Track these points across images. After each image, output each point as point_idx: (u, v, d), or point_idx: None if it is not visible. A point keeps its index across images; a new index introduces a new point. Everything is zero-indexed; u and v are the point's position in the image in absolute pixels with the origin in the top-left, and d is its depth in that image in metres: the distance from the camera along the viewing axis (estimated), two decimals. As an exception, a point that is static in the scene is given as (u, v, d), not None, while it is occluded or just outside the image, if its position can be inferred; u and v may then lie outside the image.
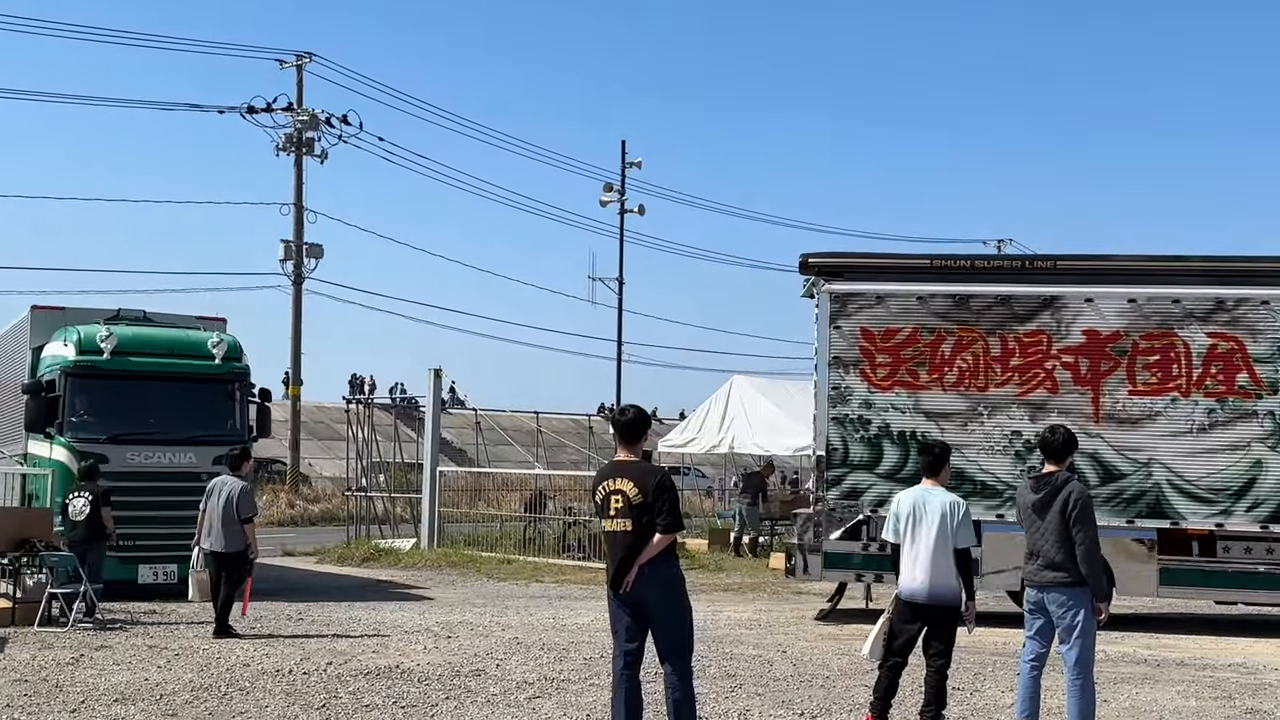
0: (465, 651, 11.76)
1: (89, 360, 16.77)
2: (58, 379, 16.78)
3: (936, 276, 14.78)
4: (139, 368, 17.06)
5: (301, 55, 32.49)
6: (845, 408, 14.44)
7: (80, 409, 16.77)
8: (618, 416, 7.45)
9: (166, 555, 16.27)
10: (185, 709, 8.94)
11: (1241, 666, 11.38)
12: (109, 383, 16.96)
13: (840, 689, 9.79)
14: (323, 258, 32.31)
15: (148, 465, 16.65)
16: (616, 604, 7.21)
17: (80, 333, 17.01)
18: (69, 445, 16.46)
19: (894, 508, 8.24)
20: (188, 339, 17.92)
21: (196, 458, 16.91)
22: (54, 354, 17.26)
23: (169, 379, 17.28)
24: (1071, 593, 7.56)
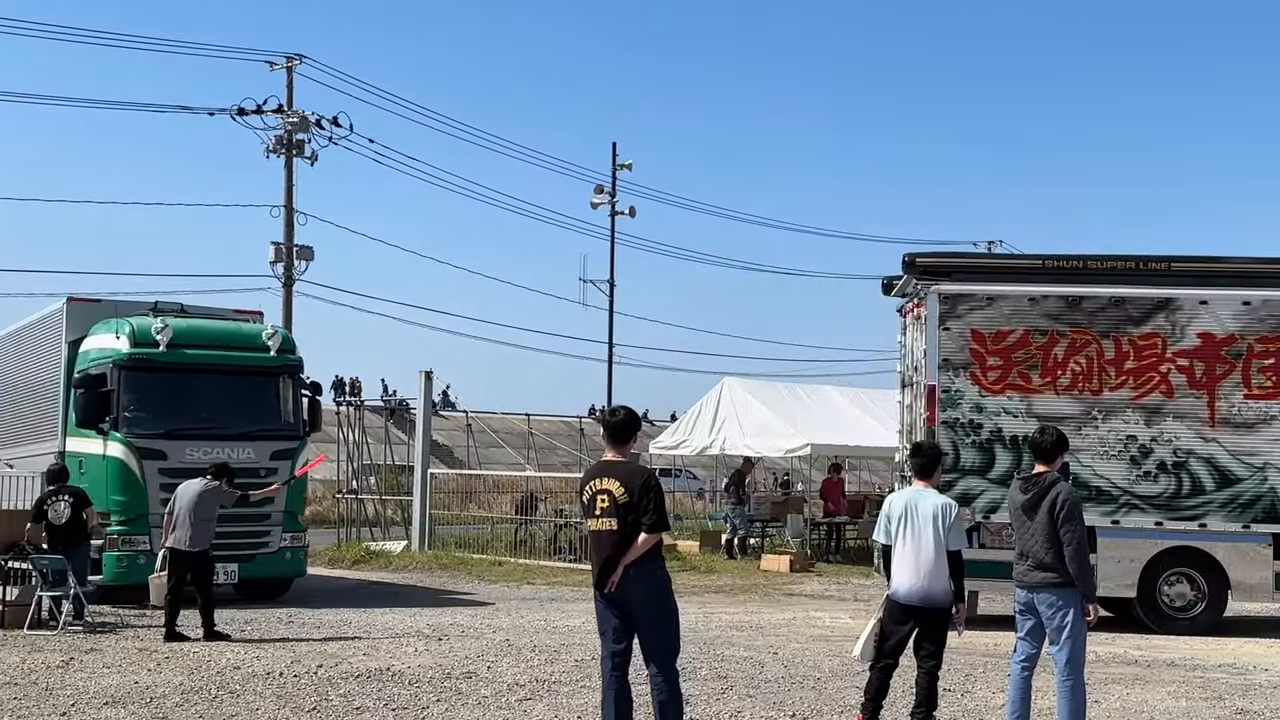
0: (456, 654, 11.74)
1: (144, 353, 16.14)
2: (109, 373, 16.10)
3: (1047, 277, 14.61)
4: (194, 360, 16.51)
5: (292, 57, 32.42)
6: (955, 411, 14.22)
7: (135, 403, 16.12)
8: (608, 417, 7.46)
9: (228, 555, 15.73)
10: (175, 712, 8.92)
11: (1232, 667, 11.41)
12: (165, 376, 16.41)
13: (831, 690, 9.79)
14: (313, 260, 32.17)
15: (206, 461, 15.69)
16: (603, 605, 7.22)
17: (133, 324, 16.35)
18: (126, 441, 15.84)
19: (885, 509, 8.25)
20: (241, 331, 17.38)
21: (255, 453, 16.43)
22: (102, 346, 16.57)
23: (224, 372, 16.79)
24: (1061, 593, 7.57)
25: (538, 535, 24.30)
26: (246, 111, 31.93)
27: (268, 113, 32.04)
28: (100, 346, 16.58)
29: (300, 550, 17.22)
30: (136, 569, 15.33)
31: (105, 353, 16.37)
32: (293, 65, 32.46)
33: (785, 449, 25.22)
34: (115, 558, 15.58)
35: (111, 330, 16.56)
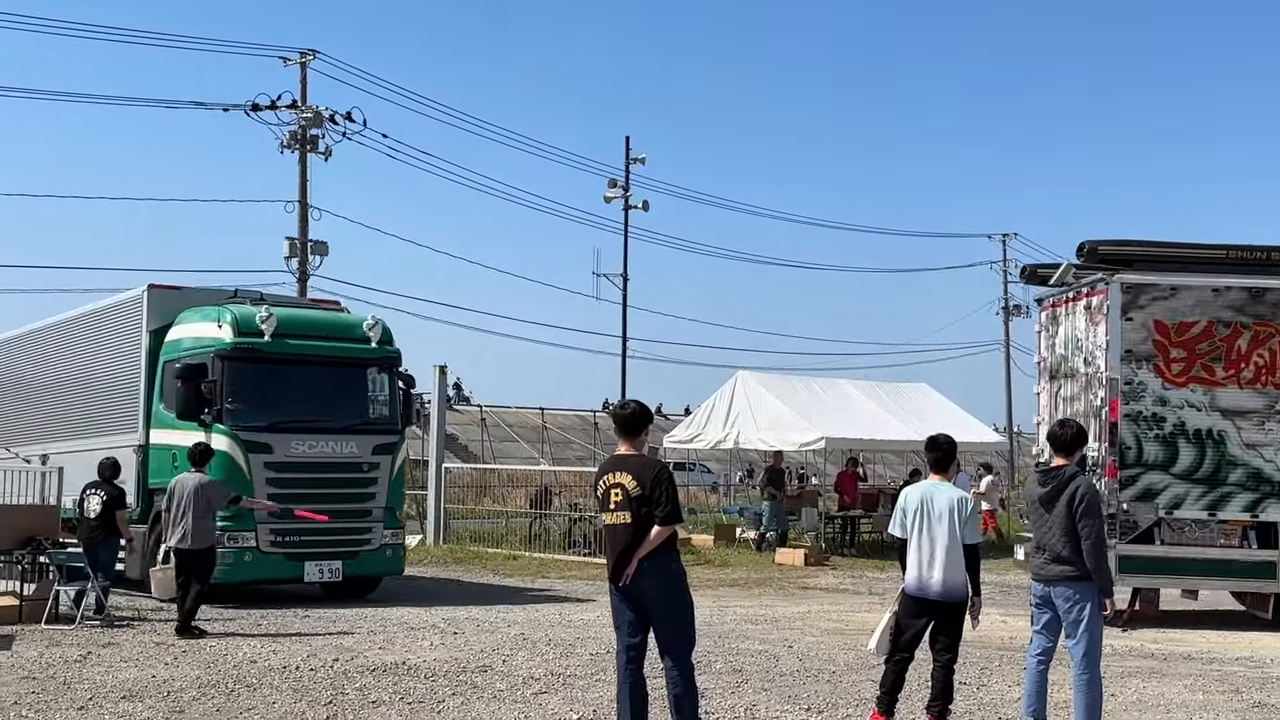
0: (471, 647, 11.76)
1: (249, 342, 15.51)
2: (210, 362, 15.46)
3: (1231, 268, 14.35)
4: (298, 351, 15.90)
5: (305, 53, 32.42)
6: (1138, 404, 13.90)
7: (239, 395, 15.49)
8: (618, 411, 7.48)
9: (332, 552, 15.56)
10: (192, 705, 8.95)
11: (1249, 660, 11.36)
12: (269, 367, 15.77)
13: (847, 684, 9.78)
14: (327, 255, 32.17)
15: (311, 455, 15.58)
16: (618, 599, 7.23)
17: (234, 313, 15.76)
18: (232, 434, 15.25)
19: (901, 503, 8.23)
20: (342, 321, 16.94)
21: (358, 447, 15.96)
22: (198, 335, 15.92)
23: (327, 363, 16.25)
24: (1078, 587, 7.56)
25: (552, 529, 24.35)
26: (260, 107, 31.97)
27: (281, 108, 32.07)
28: (196, 335, 15.97)
29: (400, 548, 16.84)
30: (243, 566, 15.07)
31: (203, 342, 15.76)
32: (306, 61, 32.49)
33: (800, 443, 25.21)
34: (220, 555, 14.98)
35: (210, 318, 15.94)
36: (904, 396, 28.81)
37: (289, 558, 15.32)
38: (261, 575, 15.53)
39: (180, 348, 16.08)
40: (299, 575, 15.49)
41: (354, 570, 15.88)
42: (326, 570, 15.46)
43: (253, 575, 15.38)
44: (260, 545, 15.14)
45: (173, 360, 16.04)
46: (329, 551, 15.50)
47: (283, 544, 15.26)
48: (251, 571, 15.21)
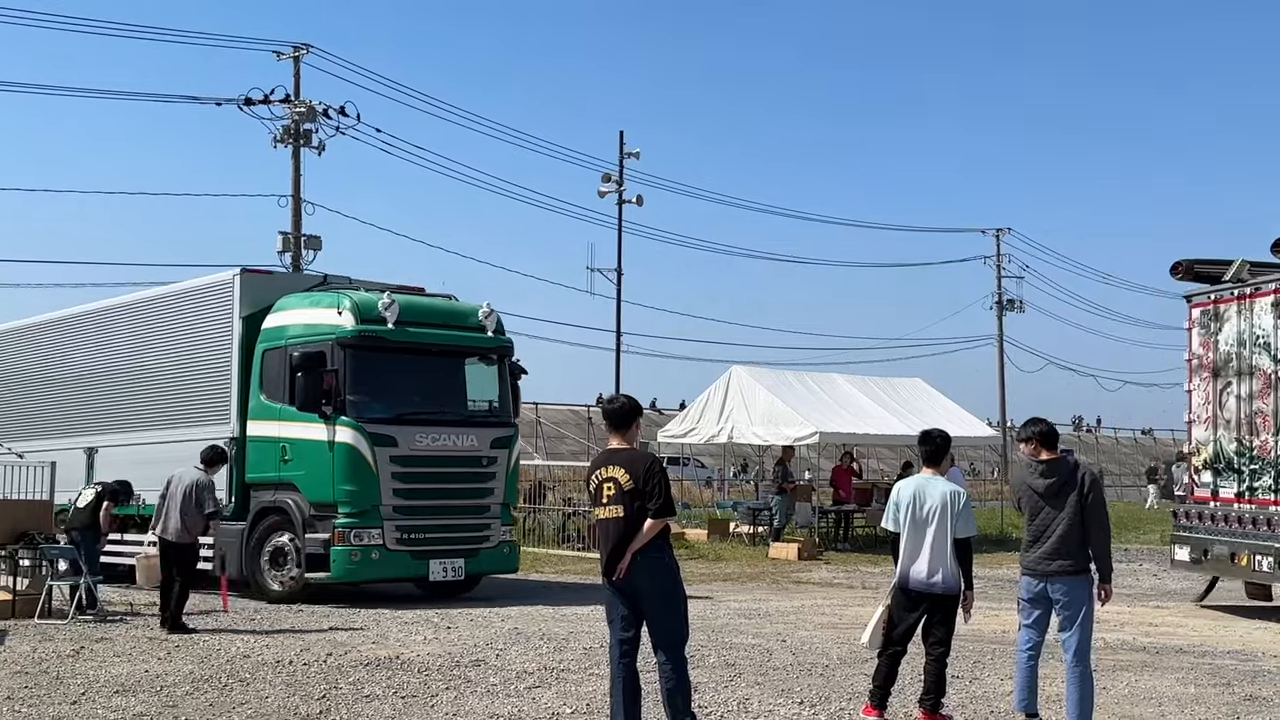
0: (465, 642, 11.76)
1: (373, 330, 14.84)
2: (329, 351, 14.77)
3: None
4: (419, 339, 15.28)
5: (299, 47, 32.35)
6: None
7: (362, 385, 14.80)
8: (607, 406, 7.49)
9: (455, 550, 14.99)
10: (185, 700, 8.95)
11: (1240, 654, 11.39)
12: (391, 356, 15.15)
13: (840, 677, 9.80)
14: (321, 249, 32.11)
15: (434, 449, 14.93)
16: (611, 593, 7.23)
17: (355, 299, 15.07)
18: (358, 426, 14.52)
19: (894, 497, 8.24)
20: (457, 308, 16.22)
21: (477, 440, 15.34)
22: (311, 322, 15.20)
23: (447, 352, 15.70)
24: (1075, 581, 7.58)
25: (546, 524, 24.35)
26: (254, 101, 31.90)
27: (275, 103, 32.01)
28: (308, 322, 15.27)
29: (515, 545, 16.34)
30: (369, 565, 14.58)
31: (318, 329, 15.06)
32: (300, 55, 32.42)
33: (794, 437, 25.21)
34: (346, 553, 14.43)
35: (325, 304, 15.28)
36: (898, 391, 28.83)
37: (414, 556, 14.78)
38: (387, 574, 15.07)
39: (286, 335, 15.38)
40: (424, 574, 14.93)
41: (475, 569, 15.41)
42: (450, 569, 14.89)
43: (379, 574, 14.93)
44: (387, 543, 14.60)
45: (276, 348, 15.39)
46: (452, 549, 14.95)
47: (409, 542, 14.71)
48: (378, 570, 14.74)
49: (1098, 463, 68.67)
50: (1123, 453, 74.92)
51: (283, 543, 15.20)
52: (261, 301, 15.97)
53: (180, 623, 12.51)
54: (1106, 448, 75.39)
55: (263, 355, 15.56)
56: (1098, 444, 75.19)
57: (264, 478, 15.50)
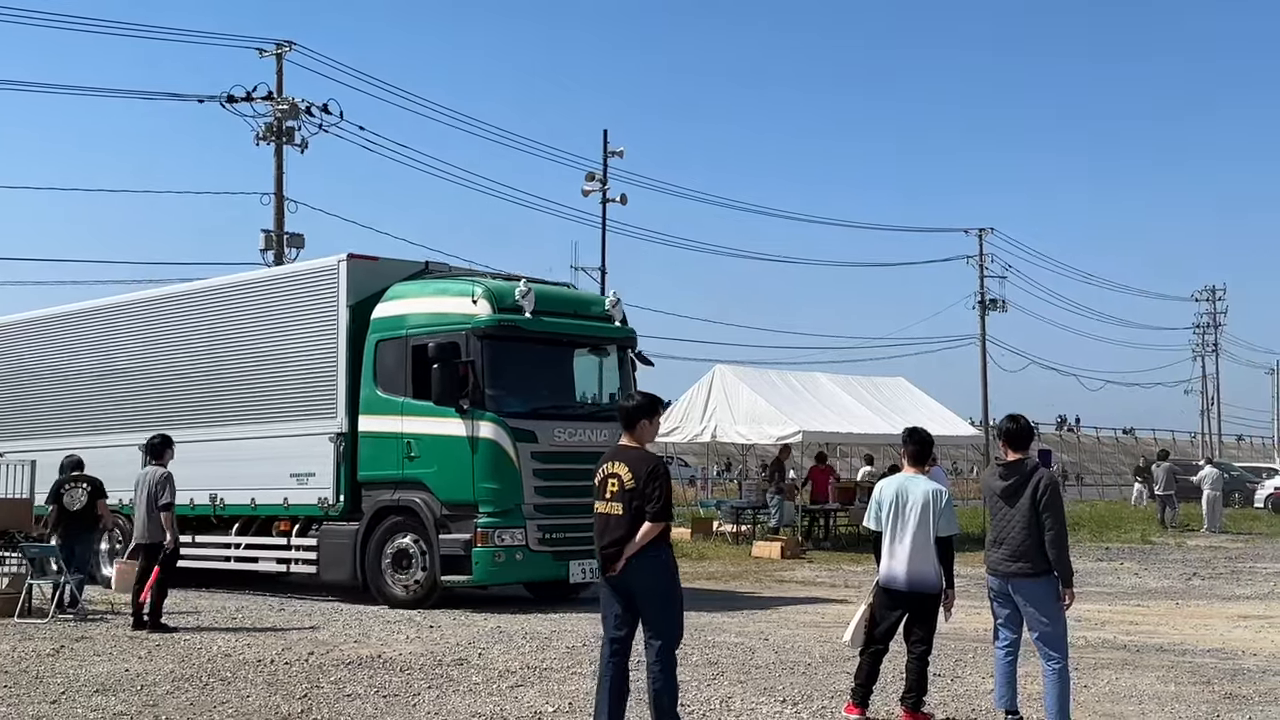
0: (447, 641, 11.75)
1: (511, 319, 14.19)
2: (463, 341, 14.03)
3: None
4: (555, 329, 14.68)
5: (281, 44, 32.21)
6: None
7: (500, 378, 14.16)
8: (623, 403, 7.50)
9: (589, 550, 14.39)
10: (166, 699, 8.91)
11: (1220, 652, 11.44)
12: (528, 347, 14.49)
13: (822, 676, 9.81)
14: (304, 247, 31.99)
15: (571, 445, 14.22)
16: (607, 590, 7.24)
17: (490, 286, 14.43)
18: (500, 421, 13.79)
19: (876, 495, 8.26)
20: (585, 297, 15.80)
21: (609, 435, 14.19)
22: (437, 311, 14.46)
23: (580, 344, 15.20)
24: (1038, 583, 7.60)
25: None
26: (236, 99, 31.77)
27: (257, 100, 31.87)
28: (434, 311, 14.52)
29: None
30: (512, 567, 13.96)
31: (448, 318, 14.34)
32: (282, 52, 32.29)
33: (777, 436, 25.24)
34: (489, 555, 13.75)
35: (454, 292, 14.57)
36: (881, 390, 28.90)
37: (555, 557, 14.12)
38: (529, 575, 14.51)
39: (406, 325, 14.62)
40: (564, 575, 14.25)
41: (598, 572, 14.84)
42: (588, 570, 13.96)
43: (521, 576, 14.42)
44: (530, 543, 13.94)
45: (393, 338, 14.65)
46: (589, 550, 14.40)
47: (550, 542, 14.05)
48: (520, 572, 14.18)
49: (1079, 461, 68.99)
50: (1104, 452, 75.24)
51: (405, 544, 14.38)
52: (366, 289, 15.10)
53: (160, 622, 12.47)
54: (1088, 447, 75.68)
55: (376, 346, 14.77)
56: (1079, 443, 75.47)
57: (382, 476, 14.64)
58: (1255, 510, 42.00)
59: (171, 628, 12.45)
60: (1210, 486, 31.01)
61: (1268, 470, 51.27)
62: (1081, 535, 28.10)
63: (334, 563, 14.87)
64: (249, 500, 16.08)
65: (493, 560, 13.76)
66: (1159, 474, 32.62)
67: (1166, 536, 28.83)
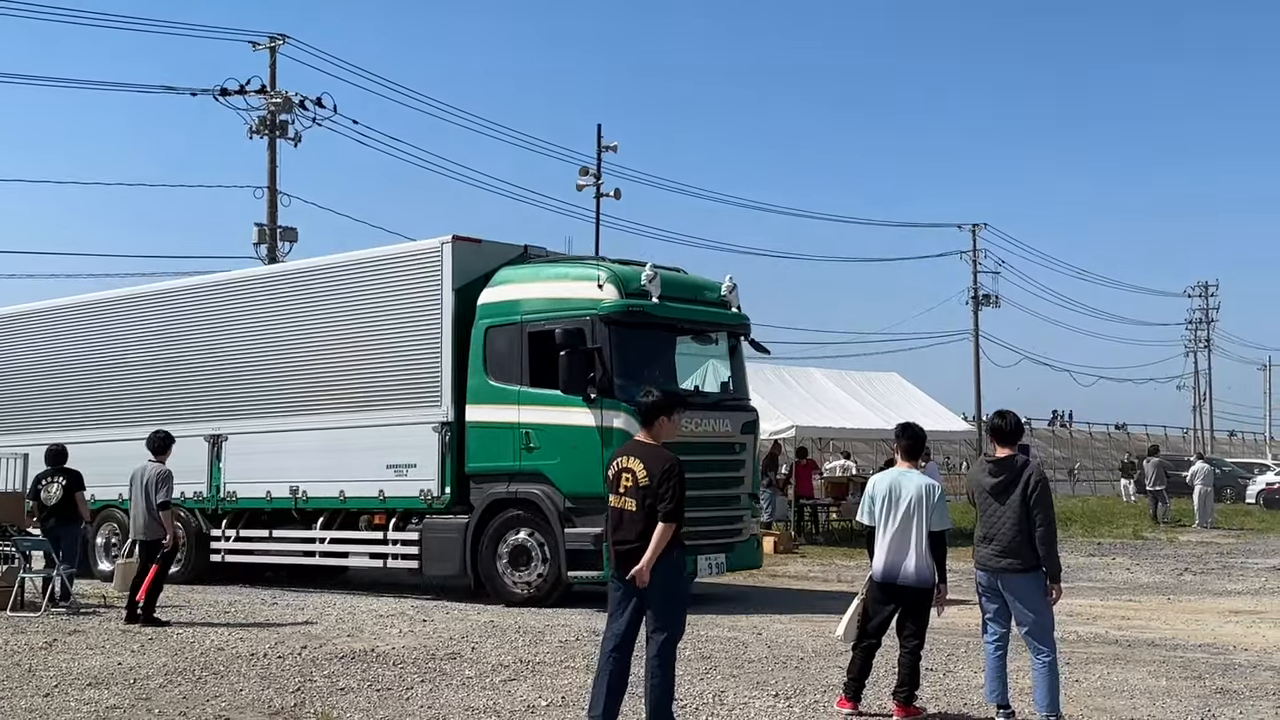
0: (441, 635, 11.75)
1: (640, 305, 13.70)
2: (589, 327, 13.49)
3: None
4: (680, 315, 14.25)
5: (275, 37, 32.15)
6: None
7: (628, 365, 13.62)
8: (640, 399, 7.49)
9: (717, 544, 13.69)
10: (159, 693, 8.91)
11: (1212, 647, 11.47)
12: (655, 334, 14.11)
13: (815, 670, 9.83)
14: (297, 241, 31.95)
15: (698, 435, 13.56)
16: (615, 585, 7.26)
17: (614, 271, 13.93)
18: (630, 410, 12.73)
19: (870, 490, 8.27)
20: (705, 283, 15.09)
21: (731, 425, 14.18)
22: (557, 296, 13.97)
23: (701, 330, 14.77)
24: (1026, 579, 7.62)
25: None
26: (229, 92, 31.71)
27: (251, 93, 31.82)
28: (556, 296, 14.02)
29: (760, 539, 15.30)
30: None
31: (571, 303, 13.82)
32: (276, 45, 32.23)
33: (770, 431, 25.19)
34: None
35: (575, 277, 14.09)
36: (875, 385, 28.92)
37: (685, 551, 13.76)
38: None
39: (522, 310, 14.08)
40: (691, 570, 13.24)
41: (732, 565, 14.20)
42: (714, 565, 13.62)
43: None
44: None
45: (507, 324, 14.09)
46: (715, 544, 13.60)
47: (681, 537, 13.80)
48: None
49: (1072, 457, 69.09)
50: (1096, 447, 75.34)
51: (522, 539, 13.88)
52: (469, 273, 14.53)
53: (153, 616, 12.46)
54: (1080, 442, 75.79)
55: (486, 332, 14.21)
56: (1071, 438, 75.60)
57: (494, 468, 14.04)
58: (1247, 506, 42.12)
59: (164, 621, 12.44)
60: (1201, 482, 31.08)
61: (1259, 466, 51.46)
62: (1073, 530, 28.16)
63: (439, 558, 14.35)
64: (337, 493, 15.40)
65: None
66: (1149, 469, 32.71)
67: (1158, 532, 28.90)
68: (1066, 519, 29.56)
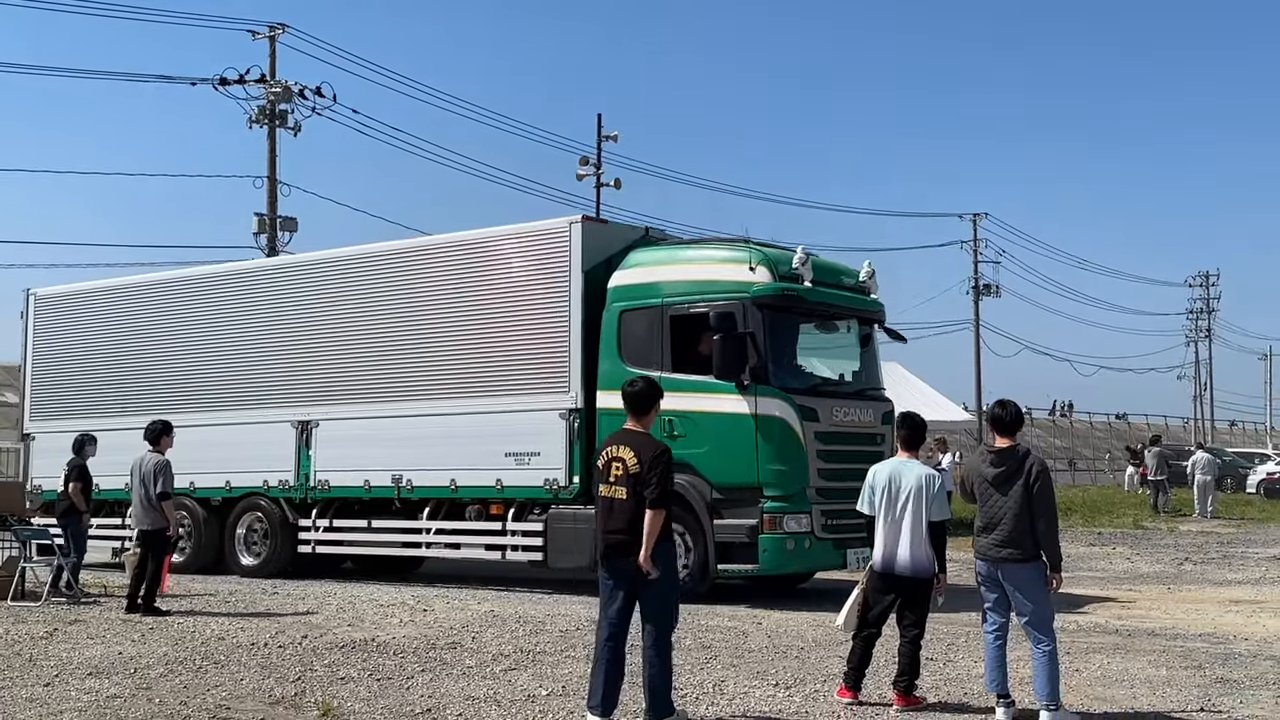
0: (441, 625, 11.76)
1: (794, 289, 13.32)
2: (740, 312, 13.09)
3: None
4: (832, 300, 13.91)
5: (274, 26, 32.11)
6: None
7: (781, 351, 13.39)
8: (625, 388, 7.49)
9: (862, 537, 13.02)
10: (160, 682, 8.91)
11: (1212, 636, 11.48)
12: (804, 319, 13.87)
13: (815, 660, 9.84)
14: (297, 231, 31.93)
15: (845, 425, 13.37)
16: (605, 575, 7.25)
17: (766, 253, 13.53)
18: (787, 398, 12.87)
19: (870, 480, 8.28)
20: (843, 268, 14.68)
21: (872, 415, 13.88)
22: (708, 279, 13.53)
23: (848, 316, 14.41)
24: (1025, 568, 7.62)
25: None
26: (229, 81, 31.67)
27: (250, 83, 31.78)
28: (702, 278, 13.60)
29: None
30: (801, 555, 13.06)
31: (719, 286, 13.38)
32: (275, 35, 32.17)
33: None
34: (779, 542, 12.82)
35: (725, 259, 13.65)
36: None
37: (835, 545, 13.22)
38: (812, 565, 13.73)
39: (662, 293, 13.68)
40: (841, 564, 13.42)
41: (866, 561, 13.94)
42: (861, 558, 12.70)
43: (806, 565, 13.62)
44: (815, 530, 13.05)
45: (645, 308, 13.68)
46: (860, 537, 12.65)
47: (831, 529, 13.13)
48: (806, 560, 13.33)
49: (1072, 447, 69.10)
50: (1096, 437, 75.31)
51: None
52: (597, 255, 14.11)
53: (154, 605, 12.47)
54: (1080, 432, 75.79)
55: (621, 315, 13.78)
56: (1072, 428, 75.60)
57: None
58: (1247, 495, 42.14)
59: (165, 611, 12.45)
60: (1201, 472, 31.09)
61: (1260, 455, 51.51)
62: (1074, 520, 28.17)
63: (567, 550, 13.81)
64: (448, 482, 14.89)
65: (783, 548, 12.81)
66: (1150, 459, 32.71)
67: (1159, 521, 28.91)
68: (1067, 509, 29.57)
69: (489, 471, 14.54)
